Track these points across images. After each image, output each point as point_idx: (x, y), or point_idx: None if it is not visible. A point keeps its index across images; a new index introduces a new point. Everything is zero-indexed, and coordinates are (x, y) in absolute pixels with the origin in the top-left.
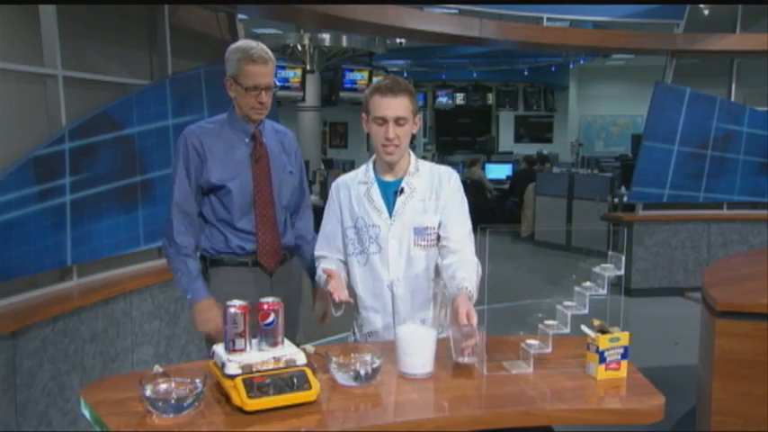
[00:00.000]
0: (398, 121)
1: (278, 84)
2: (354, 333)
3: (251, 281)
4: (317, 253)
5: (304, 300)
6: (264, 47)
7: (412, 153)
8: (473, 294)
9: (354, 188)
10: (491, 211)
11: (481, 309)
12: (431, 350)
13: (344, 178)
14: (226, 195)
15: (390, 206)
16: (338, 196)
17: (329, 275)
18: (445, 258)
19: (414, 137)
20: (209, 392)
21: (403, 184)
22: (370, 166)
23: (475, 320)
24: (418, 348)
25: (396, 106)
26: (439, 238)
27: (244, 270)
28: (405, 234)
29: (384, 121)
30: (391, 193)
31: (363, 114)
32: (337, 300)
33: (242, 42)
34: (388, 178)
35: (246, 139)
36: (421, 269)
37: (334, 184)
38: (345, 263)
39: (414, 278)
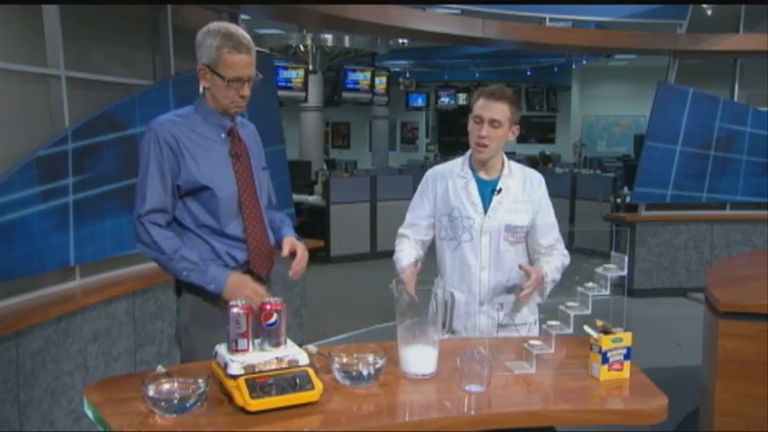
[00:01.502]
0: (493, 123)
1: (259, 75)
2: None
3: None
4: (401, 230)
5: (305, 300)
6: (244, 32)
7: (505, 156)
8: (547, 273)
9: (452, 180)
10: None
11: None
12: (434, 350)
13: (441, 169)
14: (210, 199)
15: (485, 202)
16: (434, 185)
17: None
18: (538, 255)
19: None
20: (211, 393)
21: (500, 185)
22: (467, 162)
23: (533, 280)
24: (421, 348)
25: (494, 109)
26: (527, 235)
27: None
28: (496, 229)
29: (481, 120)
30: (487, 190)
31: (470, 114)
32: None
33: (219, 25)
34: (484, 176)
35: (223, 135)
36: (506, 261)
37: (430, 173)
38: (422, 244)
39: (499, 269)
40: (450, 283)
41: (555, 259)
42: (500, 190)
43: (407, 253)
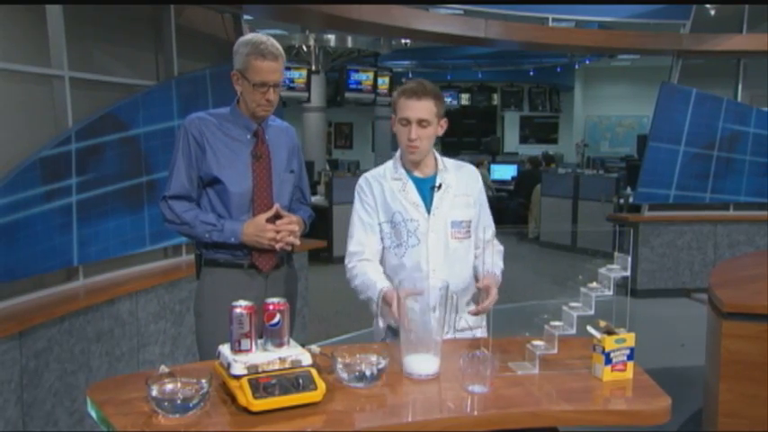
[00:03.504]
0: (421, 123)
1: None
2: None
3: (245, 284)
4: (352, 249)
5: (308, 300)
6: (275, 42)
7: (435, 151)
8: (499, 277)
9: (387, 184)
10: (495, 211)
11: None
12: (436, 351)
13: (373, 173)
14: (223, 192)
15: (427, 201)
16: (371, 191)
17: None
18: (477, 250)
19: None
20: (214, 393)
21: (440, 181)
22: (398, 163)
23: (494, 295)
24: (424, 349)
25: (419, 109)
26: (470, 228)
27: (238, 272)
28: (443, 227)
29: (408, 122)
30: (427, 188)
31: (393, 115)
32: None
33: (252, 36)
34: (419, 175)
35: (248, 136)
36: (458, 259)
37: (362, 179)
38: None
39: (451, 268)
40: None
41: (498, 259)
42: (440, 186)
43: (376, 276)
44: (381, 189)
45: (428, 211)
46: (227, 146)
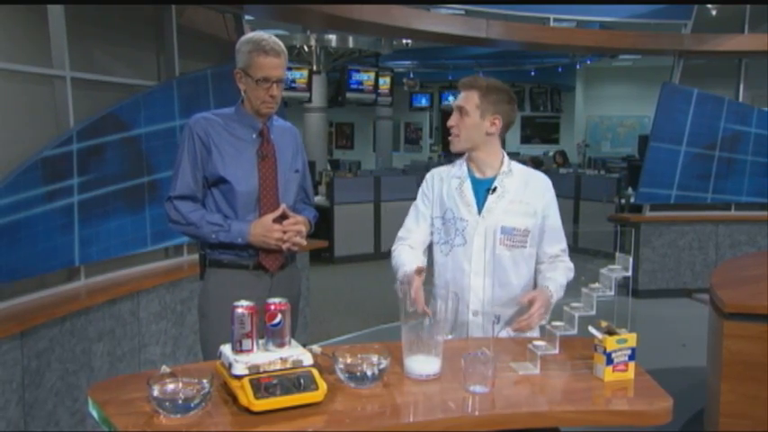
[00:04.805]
0: (460, 111)
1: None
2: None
3: (250, 285)
4: (399, 234)
5: (309, 300)
6: (277, 39)
7: (505, 154)
8: (553, 294)
9: (447, 181)
10: None
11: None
12: (438, 351)
13: (440, 170)
14: (229, 191)
15: (480, 203)
16: (433, 186)
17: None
18: (541, 265)
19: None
20: (216, 393)
21: (496, 183)
22: (464, 162)
23: (537, 308)
24: (425, 349)
25: (461, 98)
26: (527, 238)
27: (243, 273)
28: (491, 232)
29: (453, 110)
30: (483, 190)
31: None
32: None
33: (254, 34)
34: (481, 176)
35: (254, 135)
36: (504, 268)
37: (429, 174)
38: (422, 245)
39: (495, 274)
40: (440, 291)
41: (560, 275)
42: (495, 189)
43: (408, 258)
44: (441, 185)
45: (479, 212)
46: (233, 145)
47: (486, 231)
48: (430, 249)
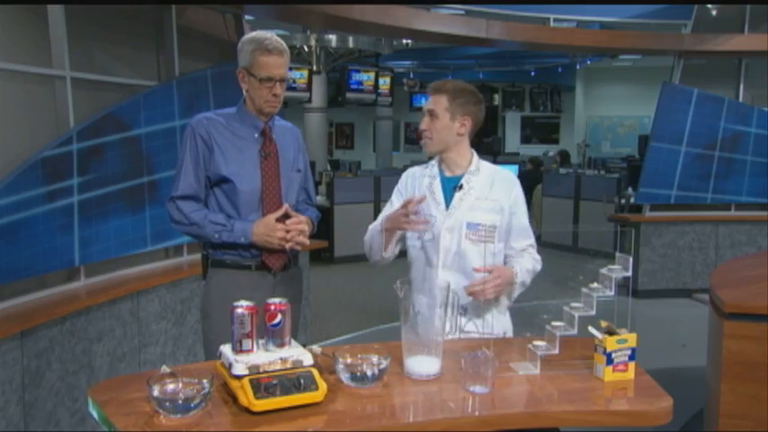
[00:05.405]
0: (430, 114)
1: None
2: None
3: (253, 285)
4: (373, 226)
5: (309, 300)
6: (279, 38)
7: (475, 153)
8: (517, 273)
9: (419, 180)
10: None
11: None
12: (437, 351)
13: (414, 170)
14: (232, 190)
15: (449, 200)
16: (407, 183)
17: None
18: (509, 257)
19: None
20: (216, 393)
21: (462, 181)
22: (435, 162)
23: (493, 276)
24: (425, 349)
25: (430, 101)
26: (494, 234)
27: (246, 274)
28: (457, 227)
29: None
30: (451, 188)
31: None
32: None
33: (256, 33)
34: (450, 174)
35: (256, 134)
36: (469, 261)
37: (405, 173)
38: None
39: (461, 268)
40: (415, 285)
41: (526, 261)
42: (461, 186)
43: (378, 221)
44: (414, 183)
45: (447, 209)
46: (235, 145)
47: (453, 226)
48: (404, 251)
